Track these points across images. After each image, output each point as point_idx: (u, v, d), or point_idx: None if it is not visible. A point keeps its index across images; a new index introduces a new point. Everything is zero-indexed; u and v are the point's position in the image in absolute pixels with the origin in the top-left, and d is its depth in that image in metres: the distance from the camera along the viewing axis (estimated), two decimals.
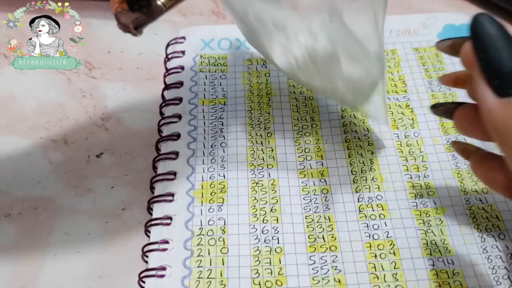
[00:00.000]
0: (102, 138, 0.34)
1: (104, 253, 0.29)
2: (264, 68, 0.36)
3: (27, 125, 0.35)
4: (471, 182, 0.30)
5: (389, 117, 0.33)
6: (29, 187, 0.31)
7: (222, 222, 0.28)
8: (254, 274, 0.26)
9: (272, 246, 0.27)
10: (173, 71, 0.36)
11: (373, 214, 0.29)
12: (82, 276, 0.28)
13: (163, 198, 0.30)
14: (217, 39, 0.38)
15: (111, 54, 0.39)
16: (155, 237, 0.28)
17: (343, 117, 0.33)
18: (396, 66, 0.36)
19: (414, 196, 0.29)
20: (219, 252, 0.27)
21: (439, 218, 0.28)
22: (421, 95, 0.34)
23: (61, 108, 0.35)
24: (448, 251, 0.27)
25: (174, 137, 0.32)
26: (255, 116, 0.33)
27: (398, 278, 0.26)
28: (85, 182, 0.32)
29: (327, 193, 0.30)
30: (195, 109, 0.34)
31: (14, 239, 0.29)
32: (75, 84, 0.37)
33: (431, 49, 0.37)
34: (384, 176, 0.30)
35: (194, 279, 0.26)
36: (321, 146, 0.32)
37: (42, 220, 0.30)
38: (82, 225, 0.30)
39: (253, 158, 0.31)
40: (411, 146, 0.31)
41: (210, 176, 0.30)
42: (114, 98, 0.36)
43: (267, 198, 0.29)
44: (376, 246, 0.27)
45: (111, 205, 0.30)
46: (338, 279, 0.26)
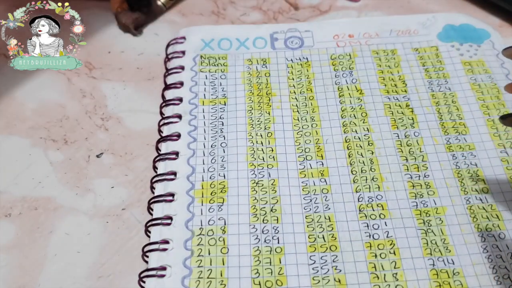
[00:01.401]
0: (102, 138, 0.34)
1: (104, 253, 0.28)
2: (264, 68, 0.36)
3: (27, 125, 0.35)
4: (471, 182, 0.30)
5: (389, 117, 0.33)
6: (29, 187, 0.31)
7: (222, 222, 0.28)
8: (254, 274, 0.26)
9: (272, 246, 0.27)
10: (173, 71, 0.36)
11: (373, 214, 0.29)
12: (82, 276, 0.28)
13: (163, 198, 0.29)
14: (217, 39, 0.38)
15: (111, 54, 0.39)
16: (155, 237, 0.28)
17: (343, 117, 0.33)
18: (396, 66, 0.36)
19: (414, 195, 0.29)
20: (219, 252, 0.27)
21: (439, 218, 0.28)
22: (421, 95, 0.34)
23: (61, 108, 0.35)
24: (448, 251, 0.27)
25: (174, 137, 0.32)
26: (255, 116, 0.33)
27: (398, 278, 0.26)
28: (85, 182, 0.32)
29: (327, 193, 0.30)
30: (195, 109, 0.34)
31: (14, 239, 0.29)
32: (75, 84, 0.37)
33: (431, 49, 0.37)
34: (384, 176, 0.30)
35: (194, 279, 0.26)
36: (321, 146, 0.32)
37: (42, 220, 0.30)
38: (82, 225, 0.30)
39: (253, 158, 0.31)
40: (411, 146, 0.31)
41: (210, 176, 0.30)
42: (114, 98, 0.36)
43: (267, 198, 0.29)
44: (376, 245, 0.27)
45: (111, 205, 0.30)
46: (338, 279, 0.26)
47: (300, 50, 0.37)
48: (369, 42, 0.37)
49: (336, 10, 0.41)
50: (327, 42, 0.38)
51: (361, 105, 0.34)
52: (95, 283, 0.27)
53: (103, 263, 0.28)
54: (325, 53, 0.37)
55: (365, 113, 0.33)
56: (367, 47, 0.37)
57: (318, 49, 0.37)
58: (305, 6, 0.42)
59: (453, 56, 0.36)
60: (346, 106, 0.34)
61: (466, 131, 0.32)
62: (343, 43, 0.37)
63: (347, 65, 0.36)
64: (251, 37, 0.38)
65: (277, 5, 0.42)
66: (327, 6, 0.42)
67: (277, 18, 0.41)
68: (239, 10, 0.42)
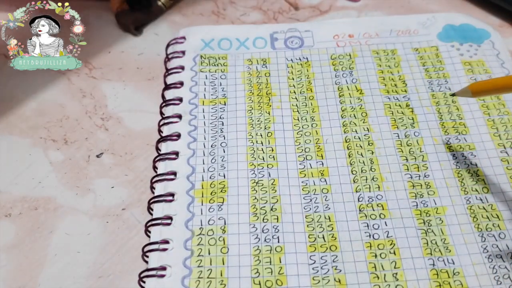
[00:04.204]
0: (102, 138, 0.34)
1: (104, 253, 0.28)
2: (264, 68, 0.36)
3: (27, 125, 0.35)
4: (471, 182, 0.30)
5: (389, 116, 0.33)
6: (29, 187, 0.31)
7: (222, 221, 0.28)
8: (254, 273, 0.26)
9: (272, 245, 0.27)
10: (173, 71, 0.36)
11: (373, 214, 0.29)
12: (82, 276, 0.28)
13: (163, 198, 0.30)
14: (217, 39, 0.38)
15: (111, 54, 0.39)
16: (155, 237, 0.28)
17: (343, 117, 0.33)
18: (396, 66, 0.36)
19: (414, 195, 0.29)
20: (219, 252, 0.27)
21: (440, 218, 0.28)
22: (421, 95, 0.34)
23: (61, 108, 0.35)
24: (449, 251, 0.27)
25: (174, 137, 0.32)
26: (255, 116, 0.33)
27: (398, 278, 0.26)
28: (85, 182, 0.32)
29: (327, 193, 0.30)
30: (195, 109, 0.34)
31: (14, 239, 0.29)
32: (75, 84, 0.37)
33: (431, 49, 0.37)
34: (384, 176, 0.30)
35: (194, 279, 0.26)
36: (321, 146, 0.32)
37: (42, 220, 0.30)
38: (82, 225, 0.30)
39: (253, 158, 0.31)
40: (411, 146, 0.31)
41: (210, 176, 0.30)
42: (114, 98, 0.36)
43: (267, 197, 0.29)
44: (376, 245, 0.27)
45: (111, 205, 0.30)
46: (338, 278, 0.26)
47: (300, 50, 0.37)
48: (369, 42, 0.37)
49: (336, 10, 0.41)
50: (327, 42, 0.38)
51: (361, 105, 0.34)
52: (95, 283, 0.27)
53: (103, 263, 0.28)
54: (325, 53, 0.37)
55: (365, 113, 0.33)
56: (367, 47, 0.37)
57: (318, 49, 0.37)
58: (305, 6, 0.42)
59: (453, 56, 0.36)
60: (346, 106, 0.34)
61: (466, 131, 0.32)
62: (343, 43, 0.37)
63: (347, 65, 0.36)
64: (251, 37, 0.38)
65: (277, 5, 0.42)
66: (327, 6, 0.42)
67: (277, 18, 0.41)
68: (239, 10, 0.42)
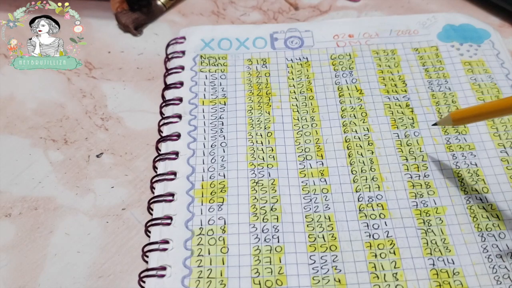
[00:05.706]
0: (102, 138, 0.34)
1: (104, 253, 0.28)
2: (264, 68, 0.36)
3: (27, 125, 0.35)
4: (471, 182, 0.30)
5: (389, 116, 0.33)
6: (29, 187, 0.31)
7: (222, 221, 0.28)
8: (254, 273, 0.26)
9: (272, 245, 0.27)
10: (173, 71, 0.36)
11: (373, 214, 0.29)
12: (82, 276, 0.28)
13: (163, 198, 0.30)
14: (217, 39, 0.38)
15: (111, 54, 0.39)
16: (155, 237, 0.28)
17: (343, 117, 0.33)
18: (396, 66, 0.36)
19: (414, 195, 0.29)
20: (219, 252, 0.27)
21: (439, 218, 0.28)
22: (421, 95, 0.34)
23: (61, 108, 0.36)
24: (449, 251, 0.27)
25: (174, 137, 0.32)
26: (255, 116, 0.33)
27: (398, 278, 0.26)
28: (85, 182, 0.32)
29: (327, 193, 0.30)
30: (195, 109, 0.34)
31: (14, 239, 0.29)
32: (75, 84, 0.37)
33: (431, 49, 0.37)
34: (384, 176, 0.30)
35: (194, 278, 0.26)
36: (321, 146, 0.32)
37: (42, 220, 0.30)
38: (82, 225, 0.30)
39: (253, 158, 0.31)
40: (411, 146, 0.31)
41: (210, 176, 0.30)
42: (114, 98, 0.36)
43: (267, 197, 0.29)
44: (376, 245, 0.27)
45: (111, 205, 0.30)
46: (338, 278, 0.26)
47: (300, 50, 0.37)
48: (369, 42, 0.37)
49: (336, 10, 0.41)
50: (327, 42, 0.38)
51: (361, 105, 0.34)
52: (95, 283, 0.27)
53: (103, 263, 0.28)
54: (325, 53, 0.37)
55: (365, 113, 0.33)
56: (367, 47, 0.37)
57: (318, 49, 0.37)
58: (305, 6, 0.42)
59: (453, 56, 0.36)
60: (346, 106, 0.34)
61: (466, 131, 0.32)
62: (343, 43, 0.37)
63: (347, 65, 0.36)
64: (251, 37, 0.38)
65: (277, 5, 0.42)
66: (327, 6, 0.42)
67: (277, 18, 0.41)
68: (239, 10, 0.42)
